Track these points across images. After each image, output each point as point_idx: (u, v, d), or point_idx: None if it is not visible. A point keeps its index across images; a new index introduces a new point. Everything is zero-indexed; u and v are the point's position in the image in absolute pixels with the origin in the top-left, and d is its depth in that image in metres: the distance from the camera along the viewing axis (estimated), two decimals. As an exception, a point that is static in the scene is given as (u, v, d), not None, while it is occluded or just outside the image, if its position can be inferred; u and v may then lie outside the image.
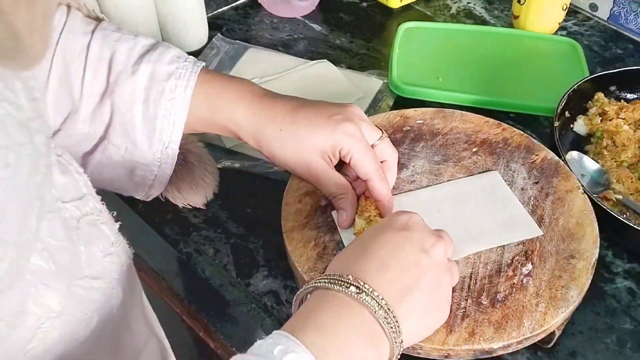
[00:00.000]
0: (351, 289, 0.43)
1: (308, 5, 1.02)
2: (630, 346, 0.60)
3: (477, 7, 1.06)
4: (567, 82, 0.81)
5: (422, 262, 0.47)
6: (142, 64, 0.56)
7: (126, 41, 0.57)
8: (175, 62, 0.58)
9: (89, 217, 0.45)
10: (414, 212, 0.51)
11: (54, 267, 0.40)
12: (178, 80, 0.57)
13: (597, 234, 0.62)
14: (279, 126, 0.58)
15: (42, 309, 0.39)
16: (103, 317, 0.46)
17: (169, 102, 0.56)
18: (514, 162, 0.69)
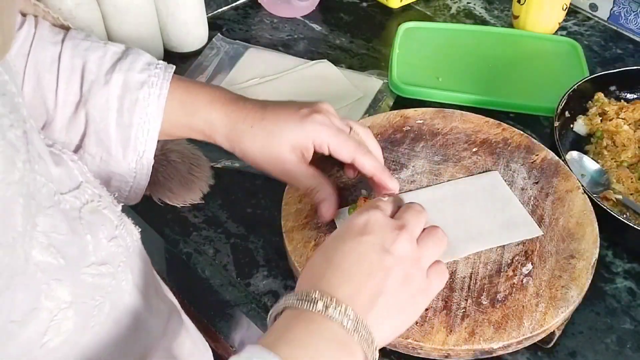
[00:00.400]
0: (318, 305, 0.43)
1: (308, 5, 1.02)
2: (630, 346, 0.60)
3: (477, 7, 1.06)
4: (567, 82, 0.81)
5: (385, 263, 0.47)
6: (114, 73, 0.57)
7: (96, 50, 0.58)
8: (147, 70, 0.58)
9: (90, 204, 0.45)
10: (373, 207, 0.50)
11: (63, 261, 0.40)
12: (151, 88, 0.58)
13: (597, 234, 0.62)
14: (250, 123, 0.59)
15: (54, 301, 0.39)
16: (115, 302, 0.46)
17: (143, 110, 0.57)
18: (514, 162, 0.69)
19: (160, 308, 0.55)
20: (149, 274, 0.55)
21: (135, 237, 0.51)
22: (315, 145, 0.59)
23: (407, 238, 0.48)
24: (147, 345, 0.53)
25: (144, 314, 0.51)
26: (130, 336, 0.49)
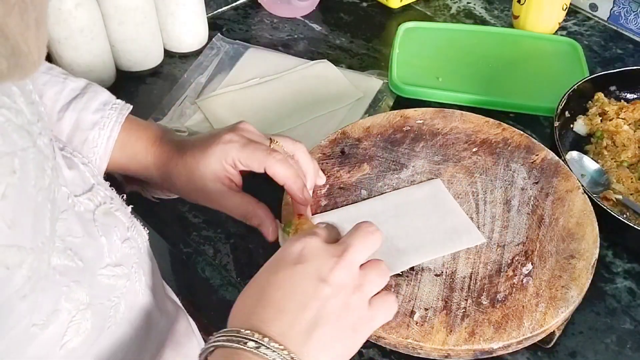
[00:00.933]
0: (249, 344, 0.41)
1: (308, 5, 1.02)
2: (630, 346, 0.60)
3: (477, 7, 1.06)
4: (567, 82, 0.81)
5: (321, 293, 0.44)
6: (67, 112, 0.57)
7: (54, 84, 0.58)
8: (101, 110, 0.58)
9: (103, 207, 0.45)
10: (310, 234, 0.47)
11: (81, 263, 0.40)
12: (102, 130, 0.58)
13: (597, 234, 0.62)
14: (175, 162, 0.59)
15: (73, 303, 0.40)
16: (130, 302, 0.47)
17: (90, 149, 0.57)
18: (514, 162, 0.69)
19: (168, 308, 0.56)
20: (156, 274, 0.56)
21: (145, 238, 0.52)
22: (230, 166, 0.57)
23: (345, 265, 0.45)
24: (158, 344, 0.53)
25: (155, 313, 0.52)
26: (143, 336, 0.50)
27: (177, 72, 0.91)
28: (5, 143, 0.32)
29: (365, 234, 0.48)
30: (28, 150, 0.34)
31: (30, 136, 0.35)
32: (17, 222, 0.33)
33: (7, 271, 0.32)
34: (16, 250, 0.33)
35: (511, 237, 0.62)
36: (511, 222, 0.63)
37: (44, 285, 0.36)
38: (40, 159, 0.35)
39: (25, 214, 0.34)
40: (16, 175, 0.32)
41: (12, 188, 0.32)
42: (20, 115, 0.35)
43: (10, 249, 0.32)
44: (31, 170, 0.34)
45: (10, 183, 0.32)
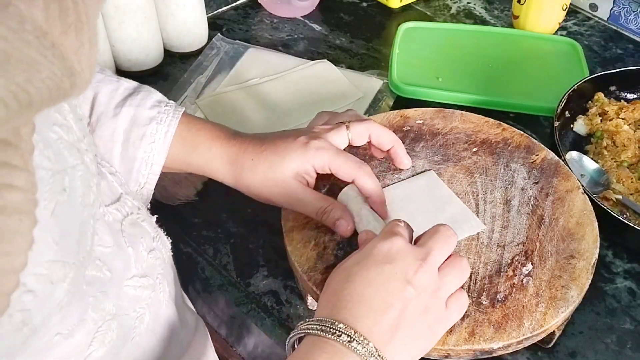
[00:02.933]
0: (342, 337, 0.44)
1: (308, 5, 1.02)
2: (630, 346, 0.60)
3: (477, 7, 1.06)
4: (567, 82, 0.81)
5: (405, 295, 0.47)
6: (124, 107, 0.58)
7: (109, 83, 0.59)
8: (157, 106, 0.59)
9: (130, 217, 0.46)
10: (395, 234, 0.50)
11: (109, 274, 0.41)
12: (159, 125, 0.58)
13: (597, 234, 0.62)
14: (250, 157, 0.59)
15: (99, 313, 0.40)
16: (154, 313, 0.47)
17: (148, 145, 0.58)
18: (514, 162, 0.69)
19: (187, 319, 0.56)
20: (177, 285, 0.56)
21: (168, 247, 0.52)
22: (317, 169, 0.60)
23: (428, 269, 0.48)
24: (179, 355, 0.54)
25: (176, 324, 0.52)
26: (165, 347, 0.50)
27: (177, 72, 0.91)
28: (58, 161, 0.33)
29: (445, 237, 0.51)
30: (77, 168, 0.35)
31: (80, 153, 0.36)
32: (63, 239, 0.33)
33: (51, 286, 0.33)
34: (61, 265, 0.33)
35: (511, 237, 0.62)
36: (511, 222, 0.63)
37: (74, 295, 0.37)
38: (87, 176, 0.36)
39: (71, 230, 0.34)
40: (66, 193, 0.33)
41: (62, 206, 0.33)
42: (70, 132, 0.35)
43: (56, 264, 0.33)
44: (79, 188, 0.35)
45: (60, 201, 0.33)
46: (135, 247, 0.45)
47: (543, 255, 0.60)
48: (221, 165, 0.60)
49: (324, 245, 0.60)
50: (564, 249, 0.61)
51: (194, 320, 0.58)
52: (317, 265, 0.59)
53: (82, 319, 0.38)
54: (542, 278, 0.58)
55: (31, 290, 0.31)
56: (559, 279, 0.58)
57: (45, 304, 0.33)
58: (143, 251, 0.46)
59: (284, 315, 0.63)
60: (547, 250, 0.61)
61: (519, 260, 0.60)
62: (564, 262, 0.59)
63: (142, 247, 0.46)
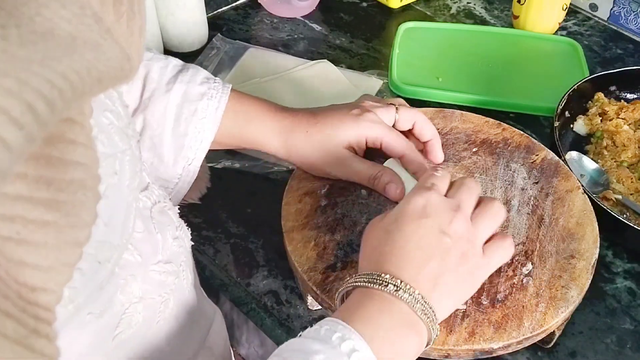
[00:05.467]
0: (389, 287, 0.47)
1: (308, 5, 1.02)
2: (630, 346, 0.60)
3: (477, 7, 1.06)
4: (567, 82, 0.81)
5: (443, 244, 0.49)
6: (175, 84, 0.59)
7: (158, 60, 0.61)
8: (206, 83, 0.61)
9: (158, 205, 0.47)
10: (429, 188, 0.52)
11: (140, 258, 0.42)
12: (210, 100, 0.60)
13: (597, 234, 0.62)
14: (304, 129, 0.62)
15: (127, 296, 0.41)
16: (177, 298, 0.48)
17: (200, 121, 0.59)
18: (514, 162, 0.69)
19: (206, 307, 0.57)
20: (196, 274, 0.57)
21: (189, 237, 0.53)
22: (369, 141, 0.63)
23: (461, 218, 0.51)
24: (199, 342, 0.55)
25: (197, 312, 0.53)
26: (186, 332, 0.51)
27: (177, 72, 0.91)
28: (110, 145, 0.34)
29: (469, 188, 0.54)
30: (126, 152, 0.36)
31: (128, 139, 0.37)
32: (112, 220, 0.35)
33: (98, 265, 0.34)
34: (108, 246, 0.35)
35: (511, 237, 0.62)
36: (511, 222, 0.63)
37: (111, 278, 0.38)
38: (134, 161, 0.37)
39: (118, 212, 0.36)
40: (117, 177, 0.34)
41: (112, 188, 0.34)
42: (119, 118, 0.36)
43: (104, 244, 0.34)
44: (127, 172, 0.36)
45: (110, 184, 0.34)
46: (163, 233, 0.46)
47: (543, 255, 0.60)
48: (275, 137, 0.63)
49: (324, 245, 0.60)
50: (564, 249, 0.61)
51: (212, 309, 0.59)
52: (317, 265, 0.59)
53: (111, 300, 0.39)
54: (542, 278, 0.58)
55: (80, 268, 0.32)
56: (559, 279, 0.58)
57: (90, 283, 0.34)
58: (170, 238, 0.47)
59: (284, 315, 0.63)
60: (547, 250, 0.61)
61: (519, 260, 0.60)
62: (564, 262, 0.59)
63: (168, 234, 0.47)
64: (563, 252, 0.60)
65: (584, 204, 0.65)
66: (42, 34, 0.25)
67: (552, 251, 0.60)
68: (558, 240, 0.62)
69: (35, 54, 0.24)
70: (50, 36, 0.25)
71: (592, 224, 0.63)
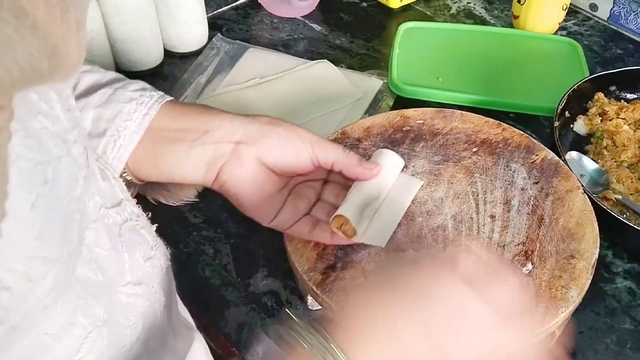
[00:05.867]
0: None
1: (308, 5, 1.02)
2: (630, 346, 0.60)
3: (477, 7, 1.06)
4: (567, 82, 0.81)
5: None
6: (103, 89, 0.53)
7: (96, 73, 0.54)
8: (141, 91, 0.54)
9: (129, 222, 0.45)
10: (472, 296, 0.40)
11: (102, 277, 0.40)
12: (139, 105, 0.53)
13: (597, 234, 0.62)
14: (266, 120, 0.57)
15: (89, 318, 0.39)
16: (148, 322, 0.46)
17: (122, 123, 0.52)
18: (514, 162, 0.69)
19: (182, 330, 0.55)
20: (173, 294, 0.54)
21: (167, 257, 0.51)
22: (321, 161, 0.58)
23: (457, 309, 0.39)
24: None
25: (171, 336, 0.51)
26: (156, 358, 0.48)
27: (177, 72, 0.91)
28: (40, 151, 0.31)
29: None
30: (62, 159, 0.33)
31: (65, 145, 0.34)
32: (44, 233, 0.32)
33: (29, 284, 0.31)
34: (41, 261, 0.32)
35: (511, 237, 0.62)
36: (511, 222, 0.63)
37: (63, 295, 0.36)
38: (74, 169, 0.35)
39: (53, 224, 0.33)
40: (48, 185, 0.31)
41: (43, 198, 0.31)
42: (57, 123, 0.34)
43: (35, 260, 0.31)
44: (64, 180, 0.33)
45: (41, 193, 0.31)
46: (131, 252, 0.44)
47: (543, 255, 0.60)
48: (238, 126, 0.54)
49: (324, 245, 0.60)
50: (564, 249, 0.61)
51: (190, 332, 0.57)
52: (317, 265, 0.59)
53: (71, 322, 0.37)
54: (542, 278, 0.58)
55: (7, 287, 0.30)
56: (559, 279, 0.58)
57: (24, 302, 0.31)
58: (140, 258, 0.45)
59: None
60: (547, 250, 0.61)
61: (519, 260, 0.60)
62: (564, 262, 0.59)
63: (138, 254, 0.45)
64: (563, 252, 0.60)
65: (584, 204, 0.65)
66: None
67: (552, 251, 0.60)
68: (558, 240, 0.62)
69: None
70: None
71: (592, 224, 0.63)
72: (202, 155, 0.54)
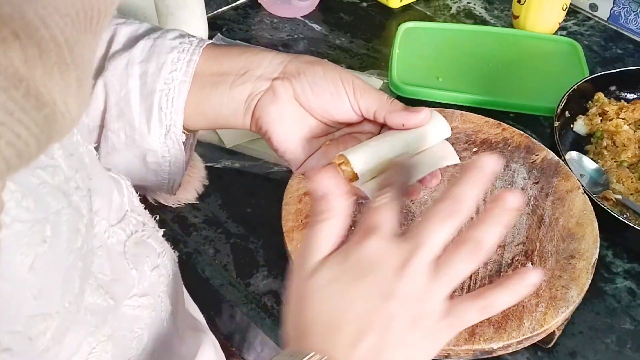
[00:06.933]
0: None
1: (308, 5, 1.02)
2: (630, 346, 0.60)
3: (477, 7, 1.06)
4: (567, 82, 0.81)
5: (385, 312, 0.38)
6: (142, 40, 0.50)
7: (131, 24, 0.52)
8: (179, 38, 0.51)
9: (134, 236, 0.43)
10: (373, 229, 0.39)
11: (112, 302, 0.39)
12: (181, 53, 0.50)
13: (597, 234, 0.62)
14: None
15: (95, 337, 0.38)
16: (154, 332, 0.45)
17: (168, 75, 0.50)
18: (514, 162, 0.69)
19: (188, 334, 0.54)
20: (180, 298, 0.53)
21: (175, 262, 0.50)
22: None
23: (413, 272, 0.38)
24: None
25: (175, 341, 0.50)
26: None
27: (177, 72, 0.91)
28: (38, 208, 0.30)
29: (442, 220, 0.38)
30: (62, 212, 0.32)
31: (66, 196, 0.32)
32: (44, 291, 0.31)
33: (29, 341, 0.30)
34: (41, 319, 0.31)
35: (511, 237, 0.62)
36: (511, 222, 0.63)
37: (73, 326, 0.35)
38: (75, 219, 0.33)
39: (53, 280, 0.31)
40: (46, 244, 0.30)
41: (42, 258, 0.30)
42: (56, 174, 0.32)
43: (35, 318, 0.30)
44: (64, 233, 0.32)
45: (39, 253, 0.30)
46: (139, 267, 0.43)
47: (543, 255, 0.60)
48: (278, 65, 0.50)
49: (324, 245, 0.60)
50: (564, 249, 0.61)
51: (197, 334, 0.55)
52: (317, 265, 0.59)
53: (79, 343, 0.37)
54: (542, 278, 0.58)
55: (8, 348, 0.29)
56: (559, 279, 0.58)
57: (24, 355, 0.31)
58: (147, 270, 0.44)
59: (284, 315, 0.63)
60: (547, 250, 0.61)
61: (519, 260, 0.60)
62: (564, 262, 0.59)
63: (146, 266, 0.44)
64: (563, 252, 0.60)
65: (584, 204, 0.65)
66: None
67: (552, 251, 0.61)
68: (558, 240, 0.62)
69: None
70: None
71: (592, 224, 0.63)
72: (241, 94, 0.50)
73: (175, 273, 0.51)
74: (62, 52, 0.26)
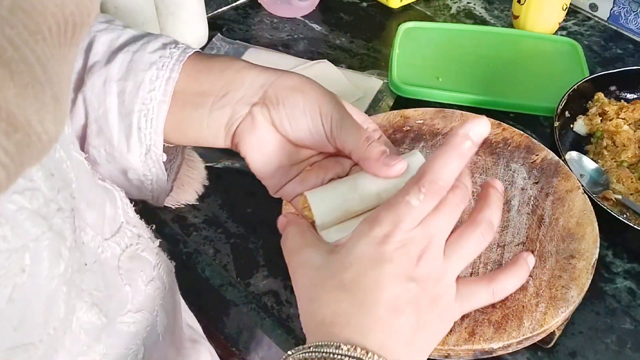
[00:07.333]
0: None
1: (308, 5, 1.02)
2: (630, 346, 0.60)
3: (477, 7, 1.06)
4: (567, 82, 0.81)
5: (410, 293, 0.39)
6: (119, 54, 0.49)
7: (111, 31, 0.50)
8: (160, 50, 0.49)
9: (129, 249, 0.43)
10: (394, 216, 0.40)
11: (105, 319, 0.38)
12: (160, 70, 0.48)
13: (597, 234, 0.62)
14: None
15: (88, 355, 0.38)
16: (149, 347, 0.44)
17: (147, 94, 0.48)
18: (514, 162, 0.69)
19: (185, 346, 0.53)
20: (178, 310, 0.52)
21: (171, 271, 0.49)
22: None
23: (431, 255, 0.40)
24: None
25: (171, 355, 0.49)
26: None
27: (177, 72, 0.91)
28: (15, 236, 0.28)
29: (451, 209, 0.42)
30: (42, 238, 0.30)
31: (46, 220, 0.31)
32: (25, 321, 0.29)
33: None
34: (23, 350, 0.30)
35: (511, 237, 0.62)
36: (511, 222, 0.63)
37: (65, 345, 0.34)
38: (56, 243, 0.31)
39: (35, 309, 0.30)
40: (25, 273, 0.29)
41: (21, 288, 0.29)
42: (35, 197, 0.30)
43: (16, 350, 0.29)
44: (44, 260, 0.30)
45: (18, 284, 0.28)
46: (133, 283, 0.42)
47: (543, 255, 0.60)
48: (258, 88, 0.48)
49: (324, 245, 0.60)
50: (564, 249, 0.61)
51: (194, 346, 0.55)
52: (317, 265, 0.58)
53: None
54: (542, 278, 0.58)
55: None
56: (559, 279, 0.58)
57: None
58: (142, 285, 0.43)
59: (284, 315, 0.63)
60: (547, 250, 0.61)
61: (519, 260, 0.60)
62: (564, 262, 0.59)
63: (140, 280, 0.43)
64: (563, 252, 0.60)
65: (584, 204, 0.65)
66: None
67: (552, 251, 0.61)
68: (558, 240, 0.62)
69: None
70: None
71: (592, 224, 0.63)
72: (221, 118, 0.49)
73: (172, 284, 0.50)
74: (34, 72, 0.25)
